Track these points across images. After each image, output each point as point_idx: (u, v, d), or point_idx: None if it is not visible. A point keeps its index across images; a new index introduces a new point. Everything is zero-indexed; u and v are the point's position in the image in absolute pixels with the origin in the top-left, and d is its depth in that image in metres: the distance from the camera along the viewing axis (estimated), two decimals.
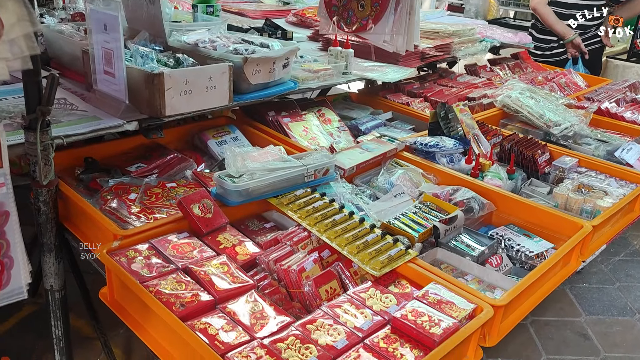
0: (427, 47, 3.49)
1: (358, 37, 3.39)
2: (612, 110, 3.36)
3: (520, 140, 2.82)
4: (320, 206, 2.00)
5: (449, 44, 3.66)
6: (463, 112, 2.82)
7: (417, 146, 2.61)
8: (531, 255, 2.01)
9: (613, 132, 3.25)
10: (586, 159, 2.75)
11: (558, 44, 4.74)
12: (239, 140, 2.58)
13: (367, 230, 1.89)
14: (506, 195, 2.27)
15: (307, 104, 3.01)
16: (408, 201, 2.25)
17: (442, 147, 2.60)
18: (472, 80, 3.87)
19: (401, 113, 3.26)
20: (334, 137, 2.85)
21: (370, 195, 2.31)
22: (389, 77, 3.11)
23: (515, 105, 3.27)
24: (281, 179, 2.05)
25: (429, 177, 2.46)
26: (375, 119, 3.10)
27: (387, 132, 2.95)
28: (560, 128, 3.11)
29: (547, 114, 3.20)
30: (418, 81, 3.75)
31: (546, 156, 2.78)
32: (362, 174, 2.47)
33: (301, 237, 1.88)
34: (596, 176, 2.64)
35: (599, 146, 3.06)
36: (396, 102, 3.37)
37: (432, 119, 2.81)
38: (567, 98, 3.52)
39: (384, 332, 1.49)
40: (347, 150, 2.48)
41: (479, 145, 2.77)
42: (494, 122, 3.29)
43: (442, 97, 3.42)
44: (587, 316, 3.26)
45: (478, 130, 2.83)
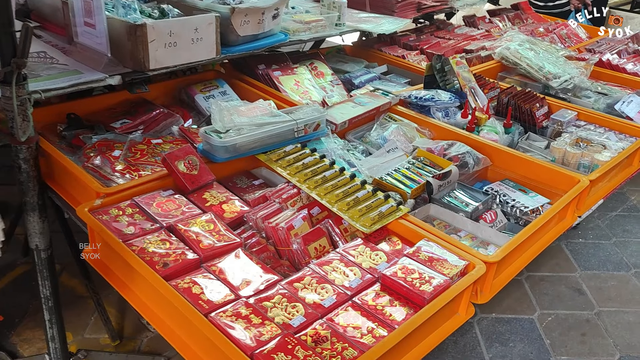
0: None
1: None
2: (614, 62, 3.27)
3: (518, 93, 2.75)
4: (310, 162, 1.94)
5: None
6: (460, 65, 2.73)
7: (412, 100, 2.53)
8: (526, 211, 1.97)
9: (614, 85, 3.16)
10: (585, 112, 2.68)
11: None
12: (227, 95, 2.50)
13: (357, 186, 1.84)
14: (502, 150, 2.21)
15: (299, 57, 2.91)
16: (401, 156, 2.19)
17: (438, 100, 2.52)
18: (470, 32, 3.75)
19: (396, 66, 3.17)
20: (327, 91, 2.77)
21: (362, 150, 2.25)
22: (384, 29, 3.00)
23: (514, 58, 3.18)
24: (270, 135, 1.99)
25: (424, 132, 2.39)
26: (370, 73, 3.01)
27: (382, 85, 2.86)
28: (560, 81, 3.03)
29: (547, 66, 3.11)
30: (414, 33, 3.64)
31: (544, 109, 2.71)
32: (355, 129, 2.41)
33: (290, 194, 1.83)
34: (595, 130, 2.58)
35: (598, 99, 2.99)
36: (391, 55, 3.27)
37: (427, 71, 2.72)
38: (567, 50, 3.42)
39: (373, 289, 1.46)
40: (339, 104, 2.40)
41: (475, 98, 2.69)
42: (492, 75, 3.20)
43: (438, 50, 3.32)
44: (582, 271, 3.24)
45: (475, 83, 2.75)
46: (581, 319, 2.81)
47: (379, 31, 2.97)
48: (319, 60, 2.94)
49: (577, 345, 2.60)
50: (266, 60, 2.75)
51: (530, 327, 2.69)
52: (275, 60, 2.78)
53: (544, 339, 2.61)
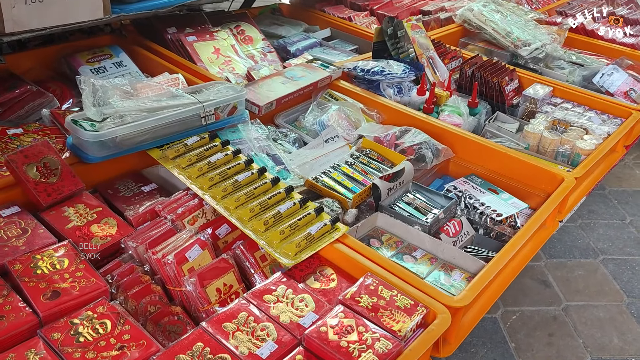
0: None
1: None
2: (588, 27, 2.86)
3: (484, 64, 2.31)
4: (219, 161, 1.46)
5: None
6: (415, 29, 2.26)
7: (357, 73, 2.05)
8: (499, 220, 1.55)
9: (589, 53, 2.77)
10: (561, 87, 2.27)
11: None
12: (124, 67, 1.96)
13: (281, 195, 1.37)
14: (467, 138, 1.78)
15: (221, 18, 2.38)
16: (343, 147, 1.73)
17: (389, 74, 2.05)
18: None
19: (342, 30, 2.67)
20: (256, 60, 2.26)
21: (294, 140, 1.78)
22: None
23: (477, 21, 2.73)
24: (166, 123, 1.49)
25: (371, 114, 1.93)
26: (309, 38, 2.50)
27: (323, 54, 2.37)
28: (530, 49, 2.60)
29: (515, 32, 2.67)
30: None
31: (515, 84, 2.28)
32: (287, 110, 1.92)
33: (189, 207, 1.35)
34: (573, 109, 2.17)
35: (573, 70, 2.59)
36: (336, 16, 2.76)
37: (377, 37, 2.24)
38: (536, 12, 2.99)
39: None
40: (265, 79, 1.90)
41: (434, 70, 2.24)
42: (453, 41, 2.75)
43: (391, 10, 2.83)
44: (547, 260, 2.90)
45: (434, 51, 2.29)
46: (548, 317, 2.48)
47: None
48: (248, 22, 2.41)
49: (544, 348, 2.28)
50: (179, 23, 2.21)
51: (494, 329, 2.35)
52: (190, 22, 2.24)
53: (508, 342, 2.28)
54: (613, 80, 2.43)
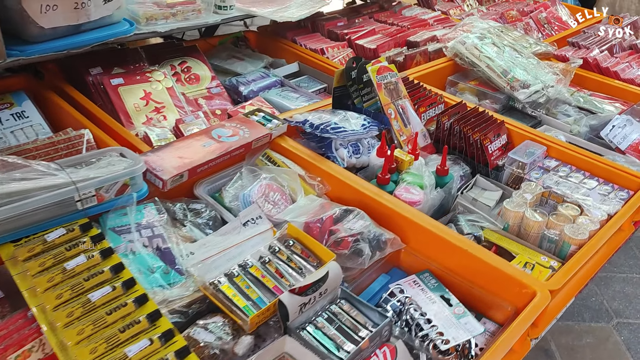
0: None
1: None
2: (603, 64, 2.45)
3: (467, 114, 1.94)
4: (78, 267, 1.14)
5: None
6: (384, 73, 1.90)
7: (306, 129, 1.71)
8: (445, 349, 1.19)
9: (602, 96, 2.36)
10: (558, 146, 1.88)
11: None
12: (24, 119, 1.67)
13: (140, 326, 1.04)
14: (421, 225, 1.42)
15: (164, 53, 2.07)
16: (265, 233, 1.39)
17: (342, 130, 1.71)
18: (422, 14, 2.90)
19: (311, 65, 2.33)
20: (200, 105, 1.94)
21: (209, 220, 1.45)
22: (288, 14, 2.16)
23: (471, 56, 2.35)
24: (25, 212, 1.18)
25: (312, 185, 1.59)
26: (268, 76, 2.17)
27: (279, 97, 2.04)
28: (529, 91, 2.22)
29: (513, 70, 2.29)
30: (347, 16, 2.78)
31: (502, 140, 1.91)
32: (213, 176, 1.60)
33: (23, 336, 1.03)
34: (571, 175, 1.78)
35: (580, 119, 2.19)
36: (307, 48, 2.42)
37: (338, 81, 1.89)
38: (542, 44, 2.59)
39: None
40: (183, 141, 1.57)
41: (404, 123, 1.88)
42: (442, 79, 2.38)
43: (373, 41, 2.48)
44: None
45: (406, 99, 1.93)
46: None
47: (281, 18, 2.12)
48: (196, 57, 2.10)
49: None
50: (108, 60, 1.91)
51: None
52: (122, 59, 1.94)
53: None
54: (625, 134, 2.03)
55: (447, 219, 1.64)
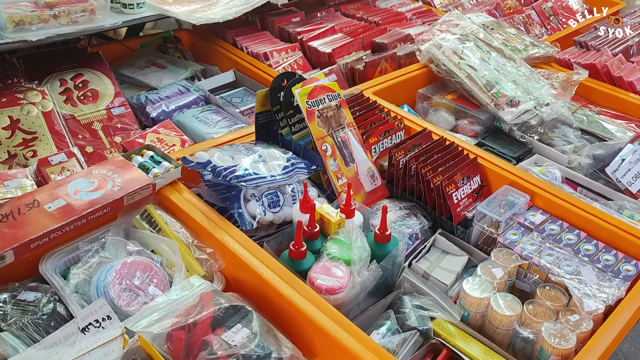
0: None
1: None
2: (616, 72, 1.97)
3: (428, 149, 1.49)
4: None
5: None
6: (320, 95, 1.46)
7: (206, 175, 1.28)
8: None
9: (612, 115, 1.89)
10: (546, 193, 1.42)
11: None
12: None
13: None
14: (333, 336, 0.99)
15: (53, 64, 1.65)
16: (112, 344, 0.99)
17: (255, 177, 1.28)
18: (400, 5, 2.43)
19: (249, 75, 1.90)
20: (95, 130, 1.54)
21: (47, 318, 1.04)
22: (211, 15, 1.71)
23: (448, 63, 1.89)
24: None
25: (201, 259, 1.17)
26: (189, 91, 1.74)
27: (194, 120, 1.61)
28: (517, 111, 1.76)
29: (500, 83, 1.83)
30: (309, 8, 2.33)
31: (473, 183, 1.47)
32: (69, 243, 1.19)
33: None
34: (561, 238, 1.34)
35: (583, 145, 1.74)
36: (248, 51, 1.98)
37: (262, 104, 1.46)
38: (542, 45, 2.11)
39: None
40: (18, 200, 1.16)
41: (345, 161, 1.45)
42: (413, 90, 1.93)
43: (330, 43, 2.02)
44: None
45: (351, 128, 1.49)
46: None
47: (205, 19, 1.67)
48: (97, 68, 1.67)
49: None
50: None
51: None
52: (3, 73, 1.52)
53: None
54: (638, 171, 1.58)
55: (388, 303, 1.22)
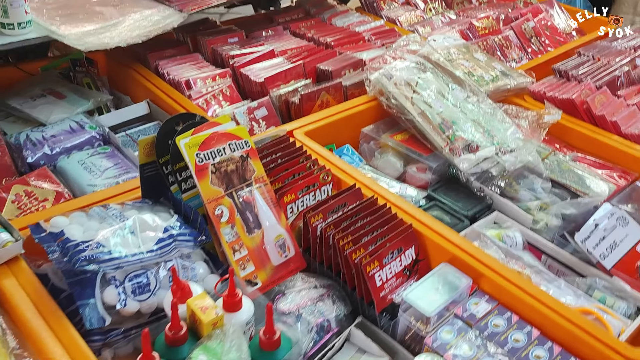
0: None
1: None
2: (596, 110, 1.68)
3: (354, 211, 1.21)
4: None
5: None
6: (219, 145, 1.17)
7: (52, 252, 1.00)
8: None
9: (592, 162, 1.60)
10: (493, 274, 1.13)
11: None
12: None
13: None
14: None
15: None
16: None
17: (117, 256, 1.00)
18: (359, 24, 2.14)
19: (165, 108, 1.62)
20: None
21: None
22: (106, 39, 1.43)
23: (399, 96, 1.61)
24: None
25: None
26: (83, 129, 1.46)
27: (79, 167, 1.34)
28: (475, 158, 1.48)
29: (458, 122, 1.54)
30: (253, 26, 2.05)
31: (405, 259, 1.18)
32: None
33: None
34: (506, 338, 1.05)
35: (552, 202, 1.45)
36: (169, 78, 1.70)
37: (147, 154, 1.18)
38: (514, 74, 1.82)
39: None
40: None
41: (247, 227, 1.17)
42: (357, 129, 1.65)
43: (266, 69, 1.75)
44: None
45: (258, 185, 1.21)
46: None
47: (85, 45, 1.39)
48: None
49: None
50: None
51: None
52: None
53: None
54: (615, 242, 1.29)
55: None
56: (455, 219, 1.41)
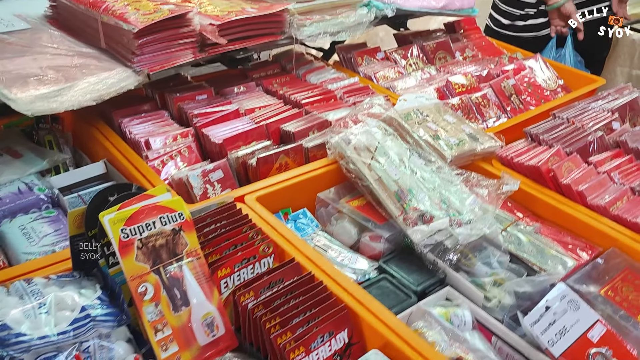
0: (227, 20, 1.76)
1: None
2: (562, 179, 1.63)
3: (287, 288, 1.17)
4: None
5: (278, 14, 1.92)
6: (149, 218, 1.15)
7: None
8: None
9: (555, 237, 1.54)
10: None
11: (536, 11, 2.91)
12: None
13: None
14: None
15: None
16: None
17: (21, 339, 0.97)
18: (333, 80, 2.13)
19: (121, 170, 1.61)
20: None
21: None
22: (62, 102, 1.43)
23: (357, 161, 1.57)
24: None
25: None
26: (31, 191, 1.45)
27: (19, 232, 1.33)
28: (428, 230, 1.43)
29: (415, 191, 1.50)
30: (227, 81, 2.05)
31: (337, 342, 1.14)
32: None
33: None
34: None
35: (508, 278, 1.39)
36: (130, 137, 1.70)
37: (77, 226, 1.16)
38: (485, 137, 1.78)
39: None
40: None
41: (173, 305, 1.13)
42: (314, 192, 1.62)
43: (228, 131, 1.73)
44: None
45: (190, 260, 1.17)
46: None
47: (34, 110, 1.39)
48: None
49: None
50: None
51: None
52: None
53: None
54: (564, 327, 1.23)
55: None
56: (403, 294, 1.36)
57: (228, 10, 1.82)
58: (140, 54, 1.63)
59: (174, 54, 1.71)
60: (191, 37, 1.73)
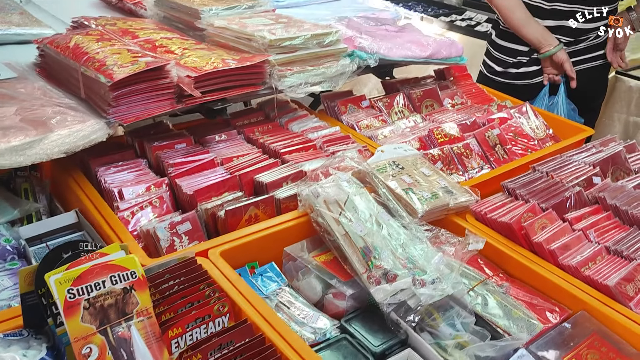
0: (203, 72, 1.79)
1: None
2: (535, 237, 1.60)
3: (237, 351, 1.15)
4: None
5: (259, 65, 1.95)
6: (99, 277, 1.15)
7: None
8: None
9: (524, 298, 1.51)
10: None
11: (529, 59, 2.92)
12: None
13: None
14: None
15: None
16: None
17: None
18: (315, 129, 2.15)
19: (92, 221, 1.62)
20: None
21: None
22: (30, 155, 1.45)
23: (326, 215, 1.57)
24: None
25: None
26: None
27: None
28: (391, 289, 1.41)
29: (380, 247, 1.49)
30: (209, 128, 2.07)
31: None
32: None
33: None
34: None
35: (471, 341, 1.36)
36: (105, 186, 1.72)
37: (28, 283, 1.17)
38: (460, 191, 1.77)
39: None
40: None
41: None
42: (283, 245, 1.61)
43: (201, 181, 1.74)
44: None
45: (140, 319, 1.17)
46: None
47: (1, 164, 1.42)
48: None
49: None
50: None
51: None
52: None
53: None
54: None
55: None
56: (362, 355, 1.34)
57: (207, 61, 1.85)
58: (116, 105, 1.66)
59: (150, 106, 1.74)
60: (168, 89, 1.76)
